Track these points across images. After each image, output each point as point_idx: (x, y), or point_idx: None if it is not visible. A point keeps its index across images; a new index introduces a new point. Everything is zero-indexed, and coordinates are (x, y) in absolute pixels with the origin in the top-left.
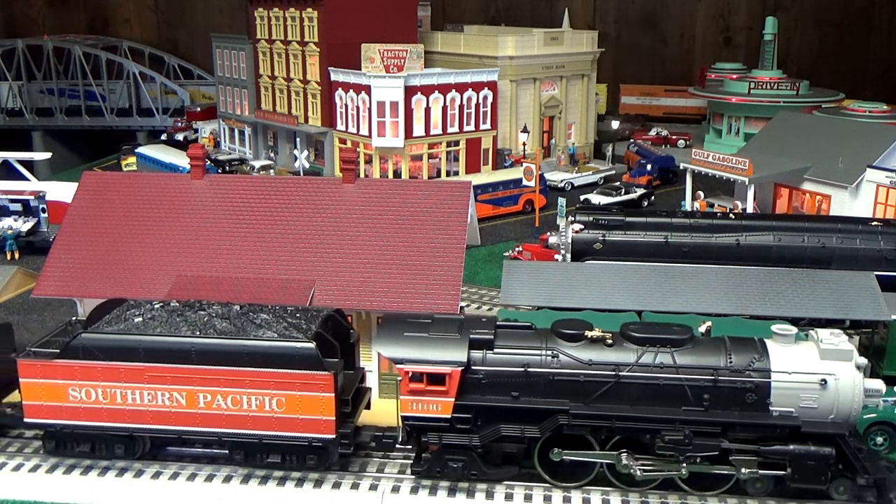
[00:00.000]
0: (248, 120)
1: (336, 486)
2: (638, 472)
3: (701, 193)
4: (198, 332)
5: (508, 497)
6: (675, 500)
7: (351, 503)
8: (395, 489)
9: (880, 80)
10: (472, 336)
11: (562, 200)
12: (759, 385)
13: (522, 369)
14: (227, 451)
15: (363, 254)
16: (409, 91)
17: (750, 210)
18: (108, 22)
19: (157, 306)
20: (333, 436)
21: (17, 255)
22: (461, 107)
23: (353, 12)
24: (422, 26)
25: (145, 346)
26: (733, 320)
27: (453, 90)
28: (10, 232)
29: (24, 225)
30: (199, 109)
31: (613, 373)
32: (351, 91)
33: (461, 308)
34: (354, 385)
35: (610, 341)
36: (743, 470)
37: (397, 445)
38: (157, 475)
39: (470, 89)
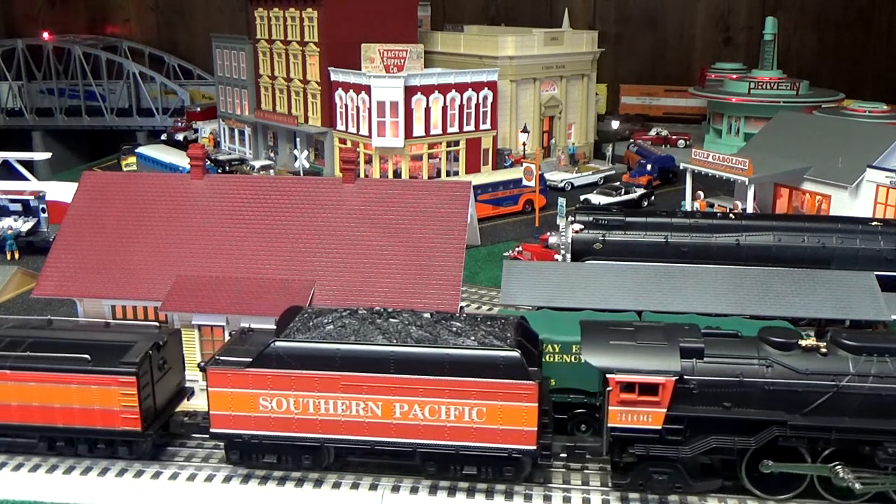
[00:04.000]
0: (248, 120)
1: (336, 486)
2: (858, 486)
3: (701, 193)
4: (394, 340)
5: (508, 496)
6: (675, 499)
7: (351, 503)
8: (395, 489)
9: (880, 80)
10: (681, 344)
11: (562, 200)
12: None
13: (737, 379)
14: (416, 463)
15: (363, 254)
16: (409, 91)
17: (750, 210)
18: (108, 22)
19: (345, 314)
20: (535, 447)
21: (17, 255)
22: (461, 107)
23: (352, 12)
24: (422, 26)
25: (342, 354)
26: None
27: (453, 90)
28: (10, 232)
29: (24, 225)
30: (199, 109)
31: (833, 383)
32: (351, 91)
33: (461, 308)
34: (547, 394)
35: (824, 350)
36: None
37: (588, 457)
38: (157, 475)
39: (470, 89)
